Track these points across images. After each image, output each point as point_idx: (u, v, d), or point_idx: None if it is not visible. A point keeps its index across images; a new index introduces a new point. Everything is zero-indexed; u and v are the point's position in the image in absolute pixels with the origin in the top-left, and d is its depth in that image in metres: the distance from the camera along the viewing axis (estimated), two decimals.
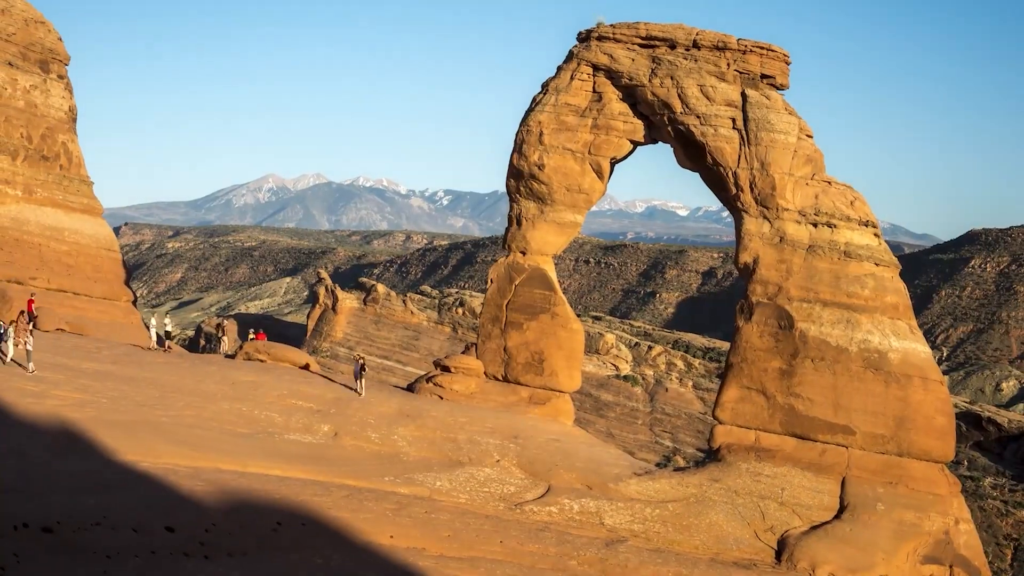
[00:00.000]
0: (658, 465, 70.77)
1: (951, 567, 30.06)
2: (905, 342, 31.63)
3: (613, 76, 35.45)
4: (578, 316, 40.17)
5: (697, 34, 34.63)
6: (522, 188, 37.32)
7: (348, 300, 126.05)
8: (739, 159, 32.99)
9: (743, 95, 33.43)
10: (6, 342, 30.36)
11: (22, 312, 33.63)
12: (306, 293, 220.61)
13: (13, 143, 47.92)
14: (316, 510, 23.37)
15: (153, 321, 45.70)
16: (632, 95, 35.29)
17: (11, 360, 29.96)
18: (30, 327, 30.88)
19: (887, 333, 31.63)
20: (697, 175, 35.21)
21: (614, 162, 36.74)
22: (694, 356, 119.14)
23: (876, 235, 33.08)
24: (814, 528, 29.70)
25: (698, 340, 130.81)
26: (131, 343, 42.00)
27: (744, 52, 34.10)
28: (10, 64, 48.44)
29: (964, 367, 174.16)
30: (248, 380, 34.31)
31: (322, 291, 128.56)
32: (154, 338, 42.83)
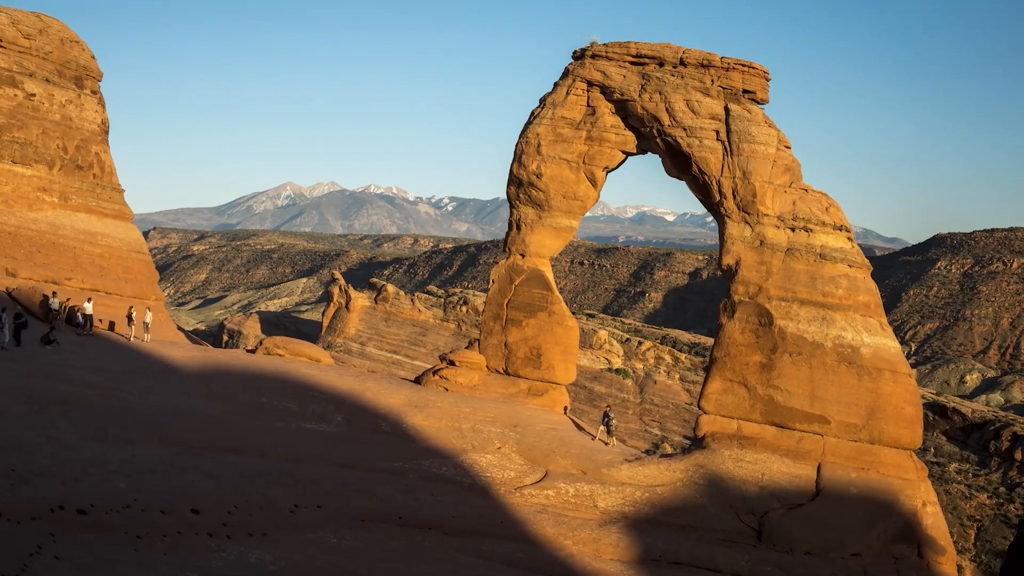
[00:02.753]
0: (647, 452, 70.73)
1: (919, 546, 30.03)
2: (876, 338, 31.62)
3: (606, 91, 35.42)
4: (573, 314, 40.13)
5: (683, 52, 34.61)
6: (521, 195, 37.29)
7: (360, 299, 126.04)
8: (722, 168, 32.96)
9: (726, 109, 33.39)
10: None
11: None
12: (321, 292, 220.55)
13: (50, 153, 47.92)
14: (331, 493, 23.36)
15: None
16: (623, 109, 35.26)
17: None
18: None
19: (859, 330, 31.60)
20: (684, 183, 35.18)
21: (607, 171, 36.71)
22: (681, 351, 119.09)
23: (849, 239, 33.05)
24: (792, 510, 29.67)
25: (684, 336, 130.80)
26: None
27: (727, 69, 34.08)
28: (47, 80, 48.43)
29: (931, 361, 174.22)
30: (267, 373, 34.28)
31: (336, 290, 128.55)
32: None
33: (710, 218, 35.67)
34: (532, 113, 37.21)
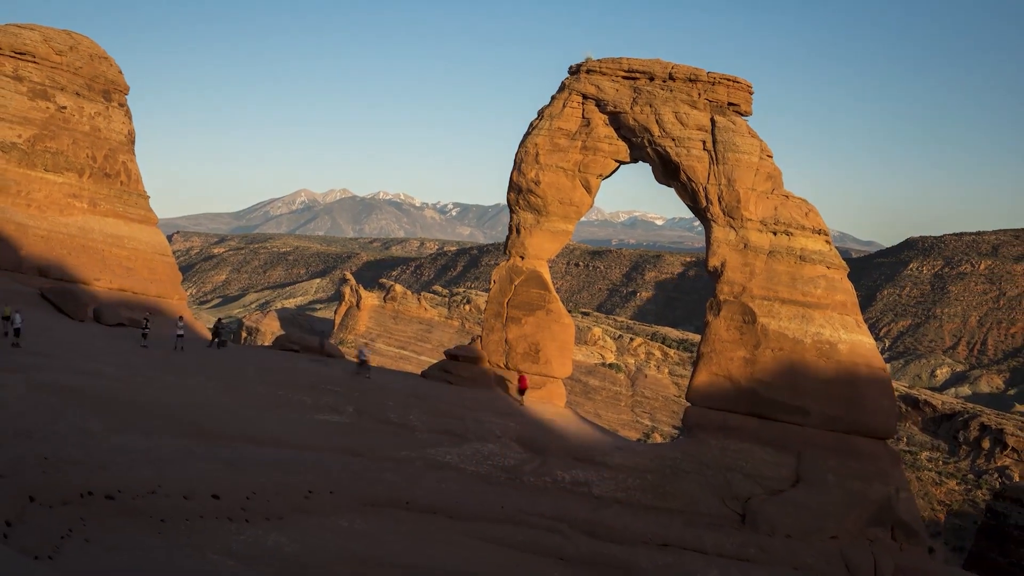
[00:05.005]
0: (639, 441, 70.70)
1: (892, 529, 30.03)
2: (852, 335, 31.61)
3: (600, 104, 35.41)
4: (569, 312, 40.13)
5: (672, 68, 34.60)
6: (521, 201, 37.29)
7: (370, 298, 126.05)
8: (709, 176, 32.96)
9: (712, 121, 33.38)
10: None
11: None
12: (334, 292, 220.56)
13: (80, 162, 47.92)
14: (343, 480, 23.34)
15: None
16: (616, 120, 35.25)
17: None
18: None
19: (837, 327, 31.60)
20: (673, 190, 35.18)
21: (601, 178, 36.70)
22: (670, 347, 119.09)
23: (827, 242, 33.04)
24: (773, 496, 29.66)
25: (673, 333, 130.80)
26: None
27: (713, 83, 34.06)
28: (77, 94, 48.43)
29: (904, 356, 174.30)
30: (282, 367, 34.29)
31: (347, 290, 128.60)
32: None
33: (697, 223, 35.67)
34: (531, 124, 37.21)
